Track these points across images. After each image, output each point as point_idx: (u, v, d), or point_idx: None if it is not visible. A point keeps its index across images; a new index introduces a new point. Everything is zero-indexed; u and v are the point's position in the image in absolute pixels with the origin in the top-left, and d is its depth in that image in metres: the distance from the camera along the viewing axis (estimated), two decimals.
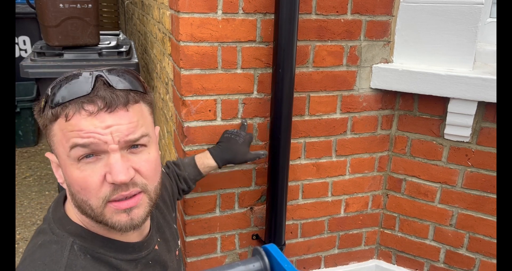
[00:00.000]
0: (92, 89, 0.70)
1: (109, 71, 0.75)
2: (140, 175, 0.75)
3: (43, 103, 0.74)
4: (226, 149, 1.37)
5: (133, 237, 0.84)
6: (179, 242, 1.06)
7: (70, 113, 0.70)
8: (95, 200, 0.72)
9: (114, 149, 0.71)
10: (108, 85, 0.72)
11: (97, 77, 0.72)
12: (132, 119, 0.73)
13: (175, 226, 1.07)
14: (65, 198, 0.85)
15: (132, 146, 0.74)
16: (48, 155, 0.80)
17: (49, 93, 0.73)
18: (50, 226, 0.79)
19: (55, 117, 0.72)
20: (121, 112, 0.72)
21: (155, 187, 0.79)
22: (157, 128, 0.85)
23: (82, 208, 0.75)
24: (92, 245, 0.77)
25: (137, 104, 0.75)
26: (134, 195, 0.75)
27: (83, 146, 0.70)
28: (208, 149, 1.41)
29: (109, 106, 0.70)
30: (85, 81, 0.71)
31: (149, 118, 0.79)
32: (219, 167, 1.38)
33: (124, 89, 0.73)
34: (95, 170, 0.71)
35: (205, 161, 1.35)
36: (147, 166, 0.76)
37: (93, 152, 0.71)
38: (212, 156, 1.36)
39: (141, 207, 0.76)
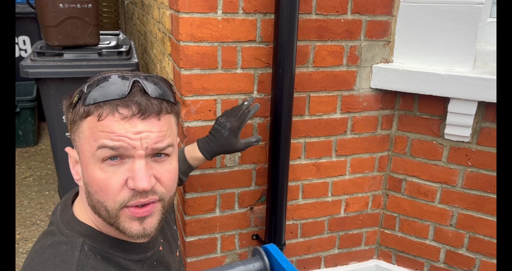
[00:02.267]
0: (128, 93, 0.72)
1: (146, 78, 0.76)
2: (160, 184, 0.76)
3: (76, 99, 0.74)
4: (214, 141, 1.33)
5: None
6: (179, 242, 1.07)
7: (104, 114, 0.70)
8: (111, 202, 0.73)
9: (141, 154, 0.71)
10: (144, 92, 0.73)
11: (134, 82, 0.73)
12: (162, 129, 0.74)
13: (175, 227, 1.08)
14: (73, 200, 0.85)
15: (156, 154, 0.75)
16: (68, 149, 0.80)
17: (84, 90, 0.73)
18: (58, 228, 0.78)
19: (86, 115, 0.72)
20: (153, 120, 0.73)
21: (171, 197, 0.80)
22: (178, 139, 0.86)
23: (96, 208, 0.75)
24: (101, 245, 0.77)
25: (168, 114, 0.76)
26: (150, 203, 0.75)
27: (111, 148, 0.70)
28: (197, 141, 1.36)
29: (143, 113, 0.71)
30: (122, 85, 0.72)
31: (175, 129, 0.80)
32: (209, 159, 1.34)
33: (158, 98, 0.74)
34: (117, 173, 0.72)
35: (193, 154, 1.33)
36: (168, 175, 0.77)
37: (119, 155, 0.72)
38: (200, 150, 1.32)
39: (154, 215, 0.77)
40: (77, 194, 0.86)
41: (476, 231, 1.72)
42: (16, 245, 2.37)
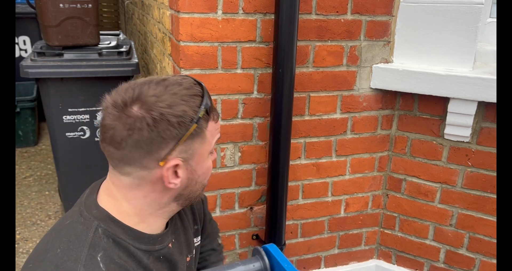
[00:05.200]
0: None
1: None
2: None
3: (203, 113, 0.82)
4: None
5: (150, 230, 0.89)
6: (193, 250, 1.09)
7: (216, 115, 0.88)
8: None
9: None
10: None
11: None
12: None
13: (193, 237, 1.10)
14: (99, 189, 0.90)
15: None
16: (173, 161, 0.83)
17: (208, 103, 0.84)
18: (80, 209, 0.85)
19: (208, 120, 0.85)
20: None
21: None
22: None
23: (193, 194, 0.89)
24: (114, 230, 0.83)
25: None
26: None
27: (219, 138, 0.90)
28: None
29: None
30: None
31: None
32: None
33: None
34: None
35: None
36: None
37: None
38: None
39: None
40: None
41: (476, 231, 1.72)
42: (16, 245, 2.37)
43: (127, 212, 0.85)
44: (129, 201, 0.85)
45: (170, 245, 0.94)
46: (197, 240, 1.12)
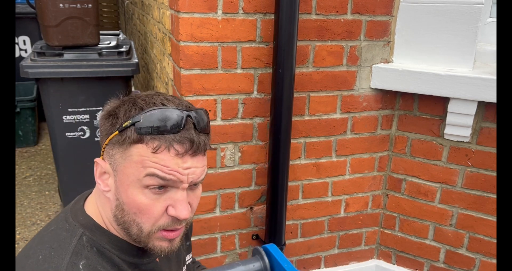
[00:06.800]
0: (182, 128, 0.75)
1: (196, 111, 0.79)
2: (190, 209, 0.81)
3: (127, 123, 0.75)
4: None
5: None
6: (184, 268, 1.05)
7: (162, 148, 0.74)
8: (149, 225, 0.78)
9: (185, 187, 0.77)
10: (195, 127, 0.77)
11: (187, 116, 0.77)
12: (204, 163, 0.80)
13: (185, 253, 1.07)
14: (87, 196, 0.88)
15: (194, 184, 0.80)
16: (98, 160, 0.81)
17: (140, 120, 0.75)
18: (66, 215, 0.83)
19: (138, 141, 0.75)
20: (200, 156, 0.78)
21: (192, 218, 0.86)
22: None
23: (127, 224, 0.79)
24: (99, 239, 0.80)
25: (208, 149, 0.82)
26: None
27: (162, 178, 0.74)
28: None
29: (194, 151, 0.76)
30: (176, 119, 0.75)
31: None
32: None
33: (204, 133, 0.78)
34: (160, 201, 0.77)
35: None
36: (197, 201, 0.83)
37: (165, 185, 0.76)
38: None
39: (180, 236, 0.83)
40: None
41: (476, 231, 1.72)
42: (16, 245, 2.37)
43: (116, 225, 0.82)
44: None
45: (157, 259, 0.91)
46: (189, 257, 1.09)
